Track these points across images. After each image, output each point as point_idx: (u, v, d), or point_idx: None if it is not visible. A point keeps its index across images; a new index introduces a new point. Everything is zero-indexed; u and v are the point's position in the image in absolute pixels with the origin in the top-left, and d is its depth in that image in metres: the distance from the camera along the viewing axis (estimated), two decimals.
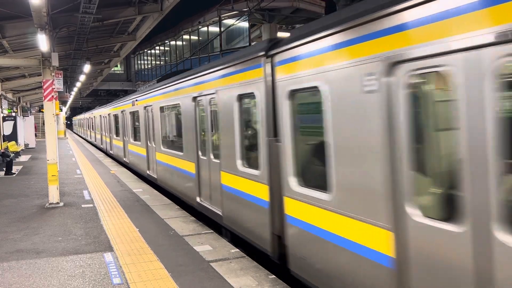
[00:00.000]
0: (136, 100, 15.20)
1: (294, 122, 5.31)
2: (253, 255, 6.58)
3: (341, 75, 4.24)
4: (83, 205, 10.29)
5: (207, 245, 6.89)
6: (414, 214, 3.47)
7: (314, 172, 5.12)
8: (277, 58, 5.52)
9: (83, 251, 6.73)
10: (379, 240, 3.83)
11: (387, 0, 3.66)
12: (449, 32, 3.07)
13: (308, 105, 5.25)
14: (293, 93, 5.25)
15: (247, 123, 6.80)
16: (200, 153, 8.79)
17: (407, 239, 3.53)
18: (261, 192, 6.02)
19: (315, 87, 4.69)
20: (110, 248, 6.84)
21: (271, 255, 5.91)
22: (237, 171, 6.77)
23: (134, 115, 15.94)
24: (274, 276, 5.53)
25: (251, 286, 5.20)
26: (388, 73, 3.63)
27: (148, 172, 13.74)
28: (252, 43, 30.44)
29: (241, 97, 6.64)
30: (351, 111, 4.13)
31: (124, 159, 18.67)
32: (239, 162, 6.76)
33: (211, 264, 6.01)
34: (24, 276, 5.76)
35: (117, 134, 20.30)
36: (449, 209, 3.22)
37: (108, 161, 20.74)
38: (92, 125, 34.59)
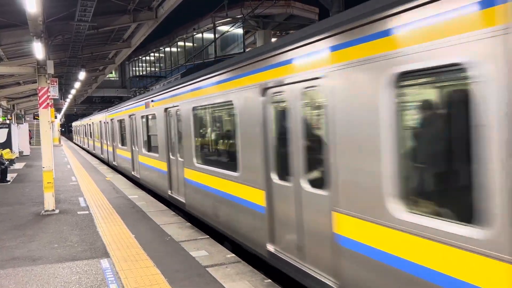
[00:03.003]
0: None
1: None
2: (249, 260, 6.64)
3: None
4: (78, 212, 10.30)
5: (203, 250, 6.94)
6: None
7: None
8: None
9: (80, 258, 6.75)
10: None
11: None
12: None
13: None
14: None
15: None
16: None
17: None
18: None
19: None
20: (106, 255, 6.87)
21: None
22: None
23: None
24: (270, 280, 5.59)
25: None
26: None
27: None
28: (247, 50, 30.60)
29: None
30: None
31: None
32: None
33: (207, 269, 6.06)
34: (20, 283, 5.78)
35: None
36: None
37: (103, 168, 20.72)
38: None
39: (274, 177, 5.63)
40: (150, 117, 12.73)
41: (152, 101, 12.04)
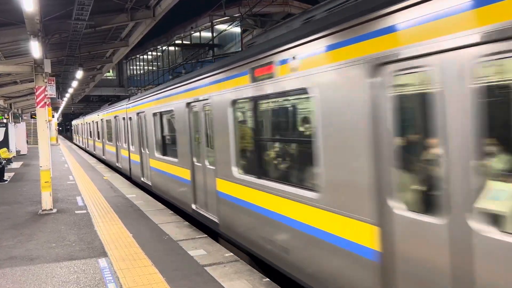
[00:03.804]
0: None
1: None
2: (246, 259, 6.64)
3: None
4: (76, 211, 10.28)
5: (201, 249, 6.93)
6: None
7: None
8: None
9: (77, 257, 6.74)
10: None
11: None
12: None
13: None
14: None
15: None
16: None
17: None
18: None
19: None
20: (104, 254, 6.85)
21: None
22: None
23: None
24: (268, 279, 5.59)
25: None
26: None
27: None
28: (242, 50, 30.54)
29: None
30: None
31: None
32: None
33: (206, 268, 6.05)
34: (18, 282, 5.76)
35: None
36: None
37: (101, 167, 20.68)
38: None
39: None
40: (267, 103, 6.03)
41: (293, 57, 4.91)
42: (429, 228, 3.28)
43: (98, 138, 24.89)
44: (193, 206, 8.74)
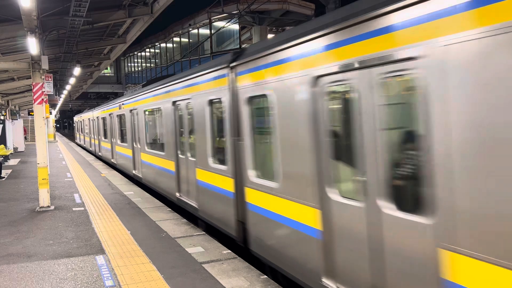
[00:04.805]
0: None
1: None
2: (244, 257, 6.65)
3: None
4: (74, 208, 10.26)
5: (199, 246, 6.93)
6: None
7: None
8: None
9: (75, 254, 6.73)
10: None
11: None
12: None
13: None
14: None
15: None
16: None
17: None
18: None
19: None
20: (102, 251, 6.85)
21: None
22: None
23: None
24: (266, 277, 5.59)
25: (243, 287, 5.26)
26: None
27: None
28: (243, 45, 30.53)
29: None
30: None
31: None
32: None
33: (203, 265, 6.05)
34: (15, 280, 5.75)
35: None
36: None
37: (98, 164, 20.65)
38: None
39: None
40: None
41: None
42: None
43: (122, 141, 16.29)
44: None
